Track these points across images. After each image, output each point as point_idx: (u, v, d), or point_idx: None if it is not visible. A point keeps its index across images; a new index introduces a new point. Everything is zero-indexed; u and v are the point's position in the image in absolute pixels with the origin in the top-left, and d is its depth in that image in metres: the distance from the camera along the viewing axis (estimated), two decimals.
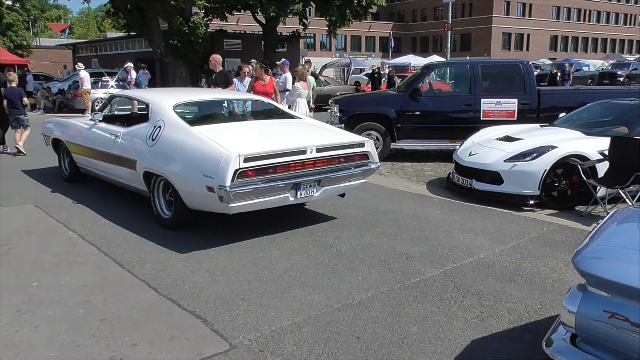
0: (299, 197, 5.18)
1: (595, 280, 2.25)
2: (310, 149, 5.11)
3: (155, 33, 21.84)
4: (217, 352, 3.10)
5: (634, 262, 2.22)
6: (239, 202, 4.75)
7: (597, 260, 2.33)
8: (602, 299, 2.22)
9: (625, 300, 2.13)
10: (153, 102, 5.98)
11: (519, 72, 9.39)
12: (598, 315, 2.19)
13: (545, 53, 61.22)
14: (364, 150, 5.59)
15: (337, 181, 5.46)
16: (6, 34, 40.10)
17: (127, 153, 5.86)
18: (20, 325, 3.40)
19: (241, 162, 4.63)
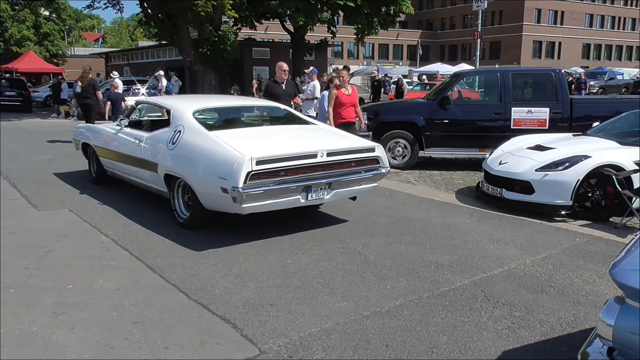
0: (310, 200, 5.37)
1: (634, 293, 2.21)
2: (321, 153, 5.31)
3: (185, 41, 22.21)
4: (247, 357, 3.13)
5: None
6: (251, 203, 4.97)
7: (636, 273, 2.27)
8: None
9: None
10: (174, 108, 6.27)
11: (550, 80, 9.26)
12: (636, 329, 2.15)
13: (578, 61, 60.16)
14: (375, 155, 5.76)
15: (347, 184, 5.62)
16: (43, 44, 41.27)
17: (150, 156, 6.15)
18: (57, 326, 3.49)
19: (254, 164, 4.85)
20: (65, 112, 20.68)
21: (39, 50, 39.14)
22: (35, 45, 39.62)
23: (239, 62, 25.61)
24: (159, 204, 6.56)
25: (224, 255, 4.88)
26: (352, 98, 8.13)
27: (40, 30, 41.05)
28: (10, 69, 31.02)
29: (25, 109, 22.66)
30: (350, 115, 8.10)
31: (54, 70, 32.12)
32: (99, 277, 4.34)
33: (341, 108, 8.00)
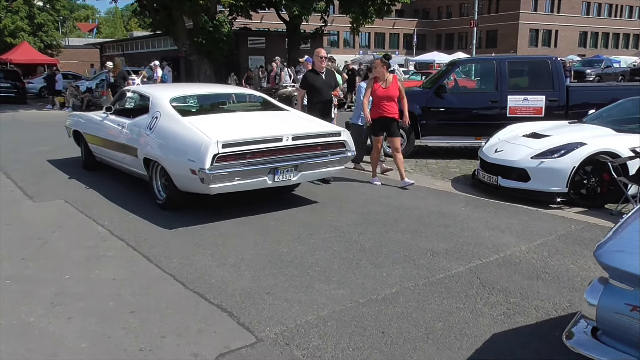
0: (277, 181, 5.68)
1: (618, 273, 2.23)
2: (286, 137, 5.62)
3: (180, 31, 22.07)
4: (244, 344, 3.14)
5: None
6: (218, 183, 5.28)
7: (620, 254, 2.31)
8: (624, 292, 2.19)
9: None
10: (153, 95, 6.61)
11: (547, 68, 9.25)
12: (620, 308, 2.18)
13: (574, 49, 59.93)
14: (341, 139, 6.09)
15: (314, 167, 5.96)
16: (37, 34, 40.94)
17: (130, 141, 6.49)
18: (54, 316, 3.50)
19: (220, 147, 5.17)
20: (61, 103, 20.58)
21: (33, 41, 38.79)
22: (29, 36, 39.26)
23: (234, 51, 25.48)
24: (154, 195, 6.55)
25: (221, 244, 4.89)
26: (391, 91, 7.06)
27: (34, 21, 40.67)
28: (4, 60, 30.78)
29: (20, 101, 22.52)
30: (389, 110, 7.05)
31: (49, 62, 31.86)
32: (95, 268, 4.34)
33: (378, 102, 7.09)
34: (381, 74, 7.07)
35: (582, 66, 33.44)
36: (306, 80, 7.51)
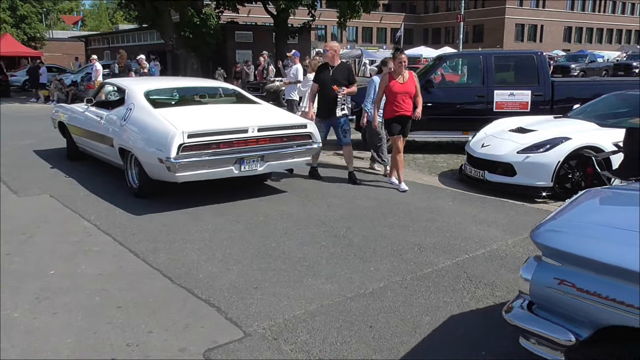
0: (243, 171, 5.88)
1: (549, 251, 2.44)
2: (252, 128, 5.83)
3: (167, 25, 21.87)
4: (232, 339, 3.14)
5: (581, 233, 2.47)
6: (184, 172, 5.51)
7: (551, 233, 2.52)
8: (553, 268, 2.40)
9: (573, 268, 2.33)
10: (128, 88, 6.82)
11: (532, 63, 9.31)
12: (549, 282, 2.38)
13: (559, 44, 60.49)
14: (307, 131, 6.29)
15: (280, 157, 6.16)
16: (20, 26, 40.37)
17: (107, 132, 6.71)
18: (39, 312, 3.47)
19: (185, 137, 5.40)
20: (45, 96, 20.32)
21: (16, 34, 38.27)
22: (12, 28, 38.73)
23: (221, 45, 25.32)
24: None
25: (209, 239, 4.87)
26: (408, 86, 6.64)
27: (17, 13, 40.13)
28: None
29: (3, 94, 22.15)
30: (405, 107, 6.66)
31: (32, 54, 31.42)
32: (81, 263, 4.31)
33: (394, 99, 6.63)
34: (400, 69, 6.62)
35: (566, 61, 33.75)
36: (317, 73, 7.28)
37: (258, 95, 18.59)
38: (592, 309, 2.23)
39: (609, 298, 2.16)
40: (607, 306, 2.18)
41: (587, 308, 2.25)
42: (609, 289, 2.17)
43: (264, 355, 2.99)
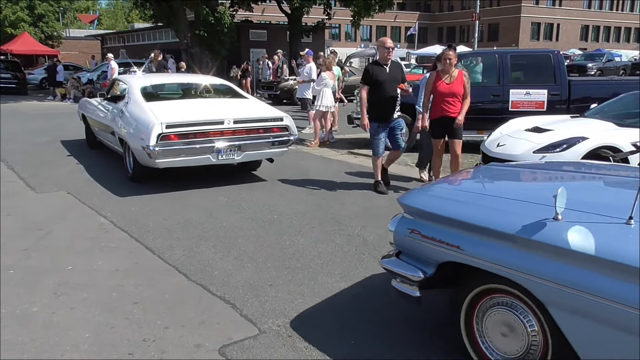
0: (221, 159, 6.40)
1: (406, 208, 3.08)
2: (227, 120, 6.36)
3: (181, 23, 21.97)
4: (247, 336, 3.16)
5: (429, 194, 3.20)
6: (163, 159, 6.09)
7: (409, 195, 3.24)
8: (408, 221, 3.02)
9: (420, 220, 2.94)
10: (129, 84, 7.41)
11: (549, 62, 9.22)
12: (405, 232, 2.98)
13: (576, 43, 59.78)
14: (283, 124, 6.78)
15: (257, 147, 6.66)
16: (37, 25, 40.79)
17: (111, 123, 7.34)
18: (57, 307, 3.52)
19: (164, 128, 5.99)
20: (62, 94, 20.55)
21: (34, 32, 38.65)
22: (29, 26, 39.12)
23: (235, 44, 25.37)
24: (163, 187, 6.58)
25: (223, 237, 4.90)
26: (454, 87, 6.20)
27: (35, 12, 40.51)
28: (4, 50, 30.70)
29: (21, 92, 22.47)
30: (451, 109, 6.23)
31: (49, 53, 31.77)
32: (98, 259, 4.36)
33: (438, 99, 6.24)
34: (448, 68, 6.17)
35: (583, 60, 33.37)
36: (368, 73, 6.44)
37: (272, 94, 18.79)
38: (432, 251, 2.83)
39: (442, 241, 2.76)
40: (441, 247, 2.77)
41: (429, 250, 2.85)
42: (442, 235, 2.77)
43: (279, 352, 3.00)
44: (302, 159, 8.76)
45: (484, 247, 2.55)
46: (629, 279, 2.04)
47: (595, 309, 2.15)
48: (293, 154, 9.11)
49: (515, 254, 2.41)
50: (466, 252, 2.63)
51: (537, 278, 2.32)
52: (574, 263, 2.21)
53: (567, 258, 2.23)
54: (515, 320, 2.54)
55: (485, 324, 2.71)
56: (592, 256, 2.15)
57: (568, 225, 2.27)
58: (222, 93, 8.14)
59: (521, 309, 2.52)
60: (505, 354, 2.63)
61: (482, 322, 2.73)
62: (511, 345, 2.58)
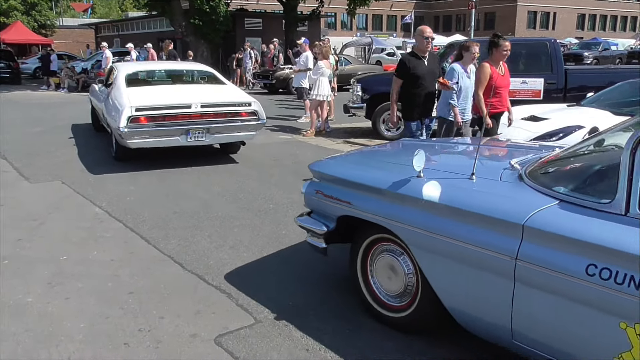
0: (190, 141, 6.85)
1: (314, 173, 3.60)
2: (195, 104, 6.76)
3: (176, 12, 21.80)
4: (243, 325, 3.15)
5: (334, 162, 3.75)
6: (134, 139, 6.57)
7: (318, 162, 3.72)
8: (315, 183, 3.55)
9: (323, 182, 3.48)
10: (118, 70, 7.88)
11: (545, 50, 9.18)
12: (312, 193, 3.52)
13: (572, 32, 59.66)
14: (251, 109, 7.11)
15: (225, 130, 7.05)
16: (30, 14, 40.35)
17: (102, 106, 7.88)
18: (52, 297, 3.50)
19: (133, 111, 6.43)
20: (56, 84, 20.39)
21: (27, 21, 38.21)
22: (22, 15, 38.69)
23: (231, 33, 25.20)
24: (158, 178, 6.55)
25: (219, 226, 4.88)
26: (507, 79, 5.97)
27: (27, 0, 40.09)
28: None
29: (14, 81, 22.29)
30: (504, 103, 5.99)
31: (43, 42, 31.50)
32: (93, 249, 4.34)
33: (494, 93, 5.76)
34: (499, 57, 5.80)
35: (579, 49, 33.33)
36: (404, 66, 5.73)
37: (267, 83, 18.69)
38: (332, 207, 3.34)
39: (338, 199, 3.27)
40: (337, 204, 3.28)
41: (329, 207, 3.37)
42: (338, 193, 3.29)
43: (275, 341, 3.00)
44: (297, 148, 8.72)
45: (367, 201, 3.07)
46: (468, 221, 2.51)
47: (441, 245, 2.62)
48: (289, 144, 9.08)
49: (387, 206, 2.93)
50: (355, 207, 3.16)
51: (400, 223, 2.83)
52: (426, 210, 2.70)
53: (421, 206, 2.72)
54: (396, 264, 3.05)
55: (375, 268, 3.22)
56: (437, 203, 2.63)
57: (425, 181, 2.72)
58: (203, 79, 8.63)
59: (400, 254, 3.03)
60: (389, 292, 3.14)
61: (374, 267, 3.23)
62: (394, 285, 3.10)
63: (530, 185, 2.55)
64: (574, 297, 2.12)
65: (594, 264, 2.05)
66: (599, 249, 2.05)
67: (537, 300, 2.26)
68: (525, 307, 2.31)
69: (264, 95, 17.66)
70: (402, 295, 3.05)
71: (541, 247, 2.23)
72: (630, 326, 1.96)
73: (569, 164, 2.79)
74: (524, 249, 2.27)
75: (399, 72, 5.82)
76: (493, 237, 2.39)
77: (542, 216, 2.29)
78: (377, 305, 3.20)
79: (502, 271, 2.35)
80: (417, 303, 2.96)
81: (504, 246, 2.34)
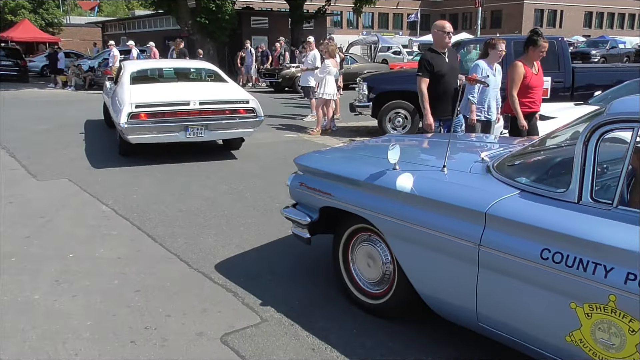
0: (189, 137, 7.04)
1: (299, 167, 3.77)
2: (193, 102, 6.95)
3: (182, 10, 21.82)
4: (249, 324, 3.15)
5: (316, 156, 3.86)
6: (135, 135, 6.79)
7: (302, 156, 3.87)
8: (299, 176, 3.72)
9: (307, 175, 3.65)
10: (125, 68, 8.17)
11: (552, 49, 9.08)
12: (296, 185, 3.68)
13: (580, 30, 59.33)
14: (249, 106, 7.27)
15: (223, 127, 7.22)
16: (38, 12, 40.48)
17: (109, 103, 8.28)
18: (59, 294, 3.51)
19: (133, 108, 6.65)
20: (63, 82, 20.47)
21: (34, 19, 38.32)
22: (30, 13, 38.82)
23: (237, 31, 25.21)
24: (164, 175, 6.57)
25: (225, 225, 4.89)
26: (541, 78, 5.73)
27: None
28: (5, 37, 30.54)
29: (22, 79, 22.38)
30: (538, 103, 5.77)
31: (50, 40, 31.63)
32: (99, 246, 4.35)
33: (527, 92, 5.60)
34: (536, 55, 5.56)
35: (587, 47, 33.13)
36: (428, 63, 5.34)
37: (274, 82, 18.69)
38: (314, 199, 3.50)
39: (320, 190, 3.44)
40: (319, 196, 3.45)
41: (312, 199, 3.52)
42: (320, 185, 3.45)
43: (281, 340, 2.99)
44: (303, 147, 8.71)
45: (346, 192, 3.24)
46: (437, 210, 2.66)
47: (413, 234, 2.77)
48: (295, 142, 9.08)
49: (364, 196, 3.09)
50: (335, 198, 3.31)
51: (376, 213, 2.98)
52: (400, 200, 2.85)
53: (395, 196, 2.87)
54: (375, 253, 3.21)
55: (356, 257, 3.38)
56: (409, 194, 2.78)
57: (399, 173, 2.87)
58: (206, 77, 8.88)
59: (378, 243, 3.18)
60: (369, 280, 3.30)
61: (354, 256, 3.39)
62: (372, 273, 3.26)
63: (496, 177, 2.71)
64: (530, 280, 2.27)
65: (548, 248, 2.20)
66: (552, 235, 2.20)
67: (499, 284, 2.41)
68: (489, 291, 2.46)
69: (270, 93, 17.67)
70: (380, 282, 3.22)
71: (502, 233, 2.38)
72: (580, 306, 2.11)
73: (533, 157, 2.96)
74: (487, 236, 2.42)
75: (424, 70, 5.40)
76: (459, 225, 2.54)
77: (503, 205, 2.43)
78: (357, 292, 3.36)
79: (467, 257, 2.50)
80: (393, 290, 3.11)
81: (469, 233, 2.48)
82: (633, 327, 1.98)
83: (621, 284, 1.98)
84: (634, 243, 1.97)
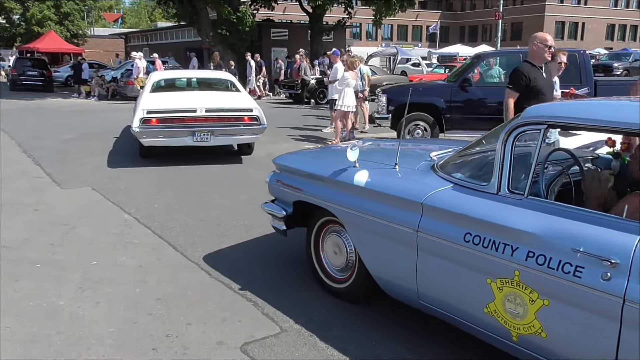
0: (196, 142, 7.61)
1: (276, 166, 4.14)
2: (200, 109, 7.54)
3: (204, 22, 22.13)
4: (268, 334, 3.17)
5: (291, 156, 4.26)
6: (147, 139, 7.52)
7: (280, 157, 4.25)
8: (276, 174, 4.10)
9: (283, 173, 4.04)
10: (150, 78, 9.00)
11: (574, 61, 9.04)
12: (274, 182, 4.07)
13: (602, 42, 58.70)
14: (253, 114, 7.81)
15: (228, 133, 7.79)
16: (63, 24, 41.37)
17: None
18: (83, 301, 3.57)
19: (145, 114, 7.35)
20: (87, 92, 20.85)
21: (60, 30, 39.18)
22: (55, 25, 39.72)
23: (257, 43, 25.46)
24: (184, 185, 6.64)
25: (245, 235, 4.93)
26: None
27: (61, 10, 41.11)
28: (31, 48, 31.25)
29: (47, 89, 22.85)
30: None
31: (74, 51, 32.24)
32: (122, 254, 4.42)
33: None
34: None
35: (609, 59, 32.77)
36: (524, 77, 4.94)
37: (293, 93, 18.82)
38: (288, 194, 3.90)
39: (292, 186, 3.84)
40: (292, 191, 3.84)
41: (287, 194, 3.92)
42: (293, 182, 3.86)
43: (300, 350, 3.01)
44: None
45: (313, 187, 3.65)
46: (384, 201, 3.05)
47: (366, 223, 3.16)
48: None
49: (328, 191, 3.49)
50: (305, 192, 3.71)
51: (338, 205, 3.38)
52: (356, 193, 3.24)
53: (352, 190, 3.25)
54: (340, 242, 3.59)
55: (325, 247, 3.76)
56: (363, 187, 3.16)
57: (358, 170, 3.24)
58: (220, 86, 9.48)
59: (342, 233, 3.54)
60: (335, 266, 3.69)
61: (324, 245, 3.77)
62: (338, 260, 3.65)
63: (438, 174, 3.08)
64: (457, 261, 2.66)
65: (470, 232, 2.58)
66: (472, 221, 2.60)
67: (434, 265, 2.81)
68: (426, 271, 2.85)
69: (289, 105, 17.78)
70: (344, 269, 3.62)
71: (435, 220, 2.78)
72: (493, 281, 2.49)
73: (469, 156, 3.27)
74: (423, 223, 2.82)
75: (516, 84, 5.01)
76: (401, 214, 2.94)
77: (436, 196, 2.84)
78: (326, 278, 3.76)
79: (407, 242, 2.89)
80: (355, 275, 3.51)
81: (409, 220, 2.88)
82: (532, 297, 2.34)
83: (523, 261, 2.35)
84: (535, 226, 2.36)
